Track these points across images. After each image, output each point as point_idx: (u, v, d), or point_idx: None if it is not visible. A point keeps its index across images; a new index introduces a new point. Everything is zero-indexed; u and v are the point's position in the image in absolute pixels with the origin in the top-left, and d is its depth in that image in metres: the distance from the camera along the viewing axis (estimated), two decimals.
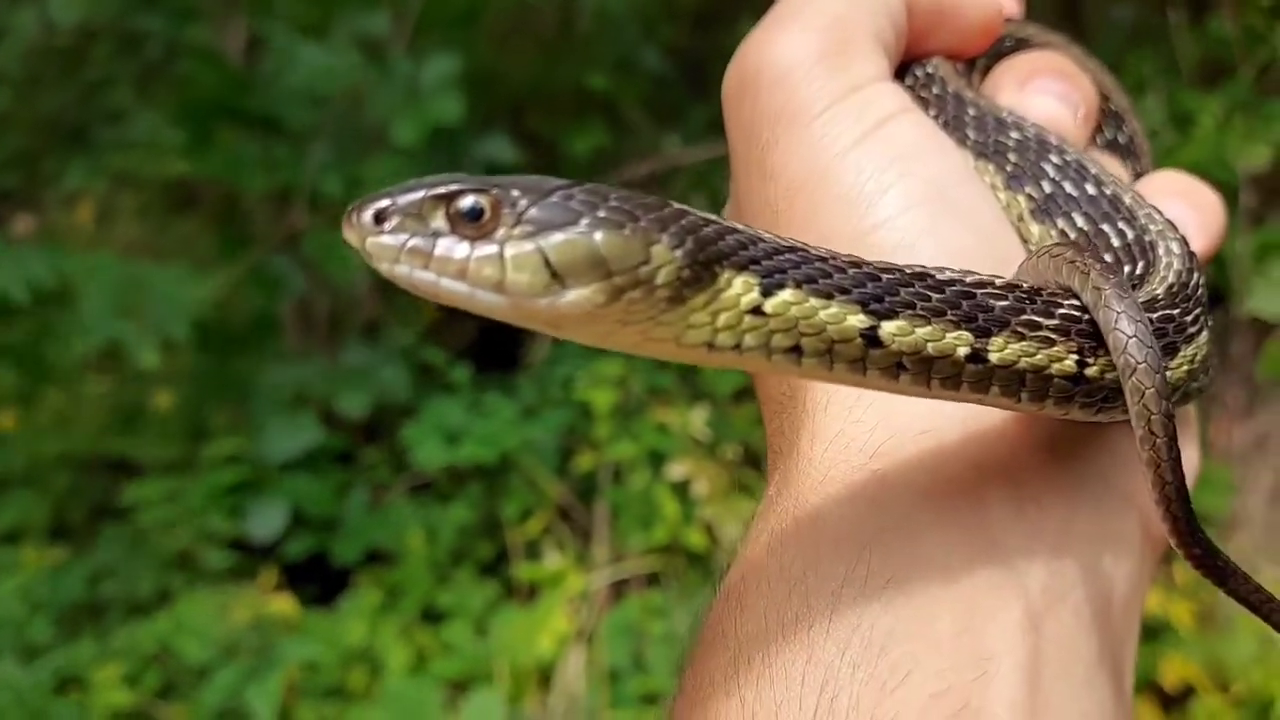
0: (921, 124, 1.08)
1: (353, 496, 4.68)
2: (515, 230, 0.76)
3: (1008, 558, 0.87)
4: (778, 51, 1.07)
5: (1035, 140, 1.09)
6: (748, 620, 0.88)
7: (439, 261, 0.76)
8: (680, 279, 0.77)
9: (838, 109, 1.04)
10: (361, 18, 4.86)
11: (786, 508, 0.94)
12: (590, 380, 4.57)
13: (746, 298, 0.80)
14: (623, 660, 3.99)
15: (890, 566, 0.85)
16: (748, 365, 0.83)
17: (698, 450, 4.34)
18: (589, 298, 0.75)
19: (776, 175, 1.05)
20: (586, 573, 4.32)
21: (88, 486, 5.01)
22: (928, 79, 1.16)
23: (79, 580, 4.57)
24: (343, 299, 5.27)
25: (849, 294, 0.81)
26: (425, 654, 4.17)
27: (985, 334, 0.82)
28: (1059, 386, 0.84)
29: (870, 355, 0.81)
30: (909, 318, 0.81)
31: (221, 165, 4.23)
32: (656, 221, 0.78)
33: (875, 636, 0.82)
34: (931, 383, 0.82)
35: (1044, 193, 1.06)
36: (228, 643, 4.13)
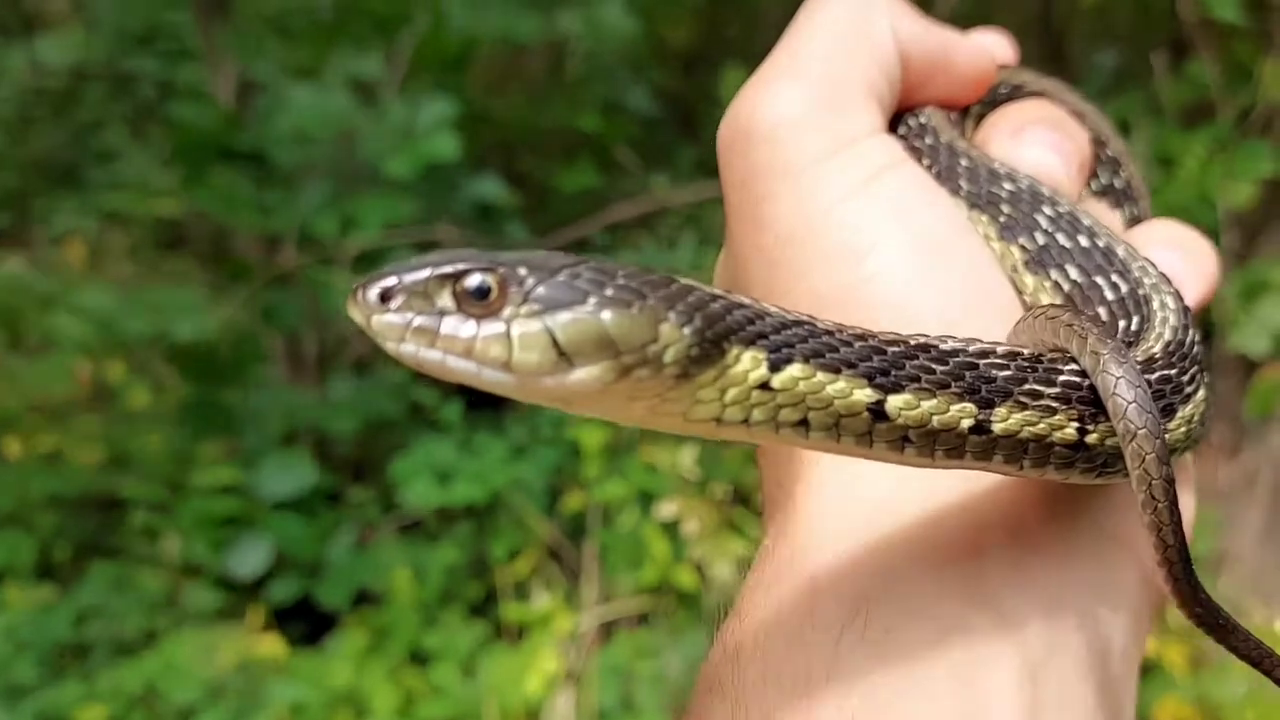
0: (914, 177, 1.08)
1: (339, 539, 4.65)
2: (522, 309, 0.75)
3: (1005, 609, 0.87)
4: (771, 104, 1.07)
5: (1029, 191, 1.09)
6: (746, 671, 0.88)
7: (445, 340, 0.75)
8: (689, 357, 0.77)
9: (830, 163, 1.04)
10: (354, 61, 4.90)
11: (783, 558, 0.94)
12: (580, 419, 4.57)
13: (755, 374, 0.79)
14: (612, 701, 3.96)
15: (887, 619, 0.85)
16: (755, 439, 0.82)
17: (687, 489, 4.34)
18: (597, 376, 0.74)
19: (770, 227, 1.05)
20: (575, 613, 4.30)
21: (75, 525, 4.98)
22: (921, 129, 1.16)
23: (65, 620, 4.54)
24: (332, 336, 5.27)
25: (855, 368, 0.81)
26: (413, 696, 4.14)
27: (989, 405, 0.82)
28: (1060, 454, 0.84)
29: (877, 429, 0.81)
30: (915, 391, 0.81)
31: (216, 203, 4.24)
32: (664, 299, 0.77)
33: (875, 691, 0.82)
34: (936, 454, 0.82)
35: (1038, 244, 1.06)
36: (214, 684, 4.10)
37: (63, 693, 4.18)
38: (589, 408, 0.79)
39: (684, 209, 5.80)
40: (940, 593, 0.87)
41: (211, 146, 4.25)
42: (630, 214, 5.44)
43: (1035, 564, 0.89)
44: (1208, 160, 3.49)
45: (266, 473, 4.52)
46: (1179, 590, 0.81)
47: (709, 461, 4.51)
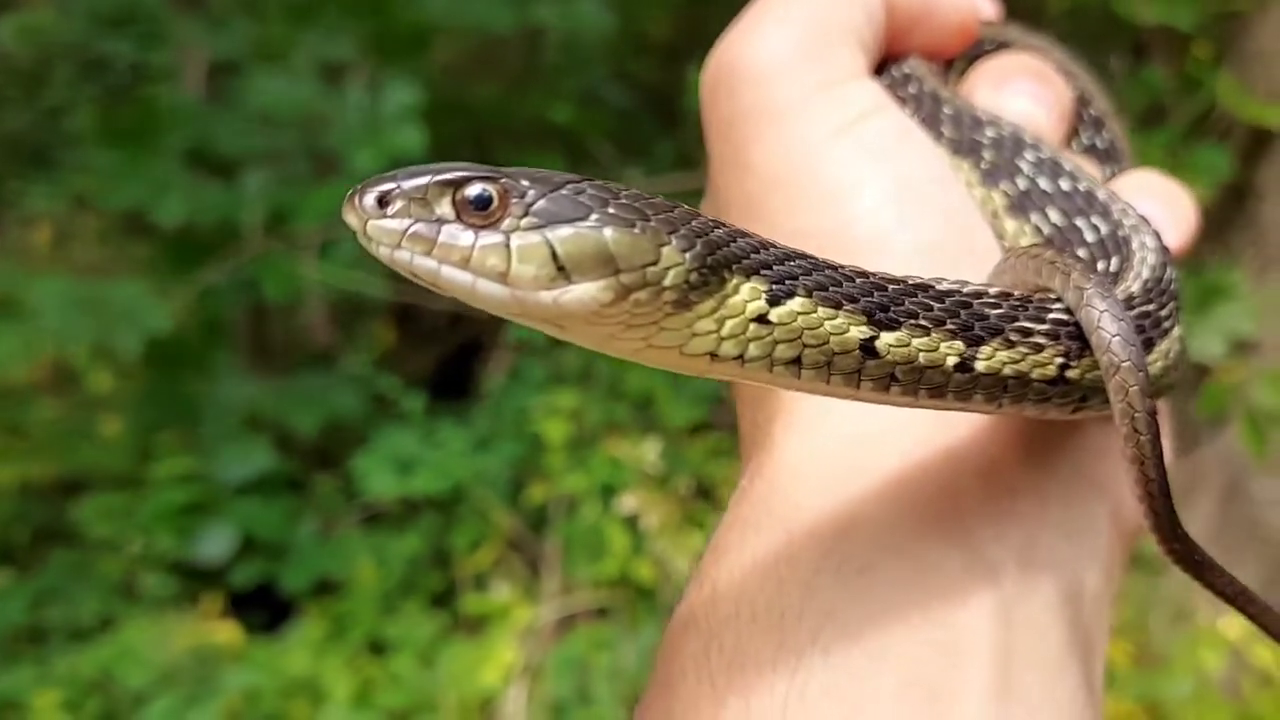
0: (898, 120, 1.09)
1: (303, 524, 4.64)
2: (523, 221, 0.74)
3: (980, 547, 0.88)
4: (756, 47, 1.08)
5: (1010, 138, 1.10)
6: (719, 607, 0.89)
7: (442, 248, 0.74)
8: (688, 282, 0.76)
9: (815, 105, 1.06)
10: (324, 44, 4.87)
11: (759, 497, 0.95)
12: (544, 411, 4.56)
13: (753, 304, 0.79)
14: (568, 693, 3.96)
15: (863, 557, 0.87)
16: (748, 376, 0.81)
17: (649, 483, 4.33)
18: (595, 295, 0.73)
19: (755, 169, 1.06)
20: (535, 605, 4.30)
21: (34, 510, 4.95)
22: (904, 78, 1.17)
23: (21, 605, 4.51)
24: (297, 327, 5.25)
25: (857, 303, 0.81)
26: (371, 684, 4.13)
27: (977, 342, 0.82)
28: (1037, 390, 0.84)
29: (866, 367, 0.81)
30: (910, 328, 0.81)
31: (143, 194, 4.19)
32: (667, 222, 0.77)
33: (848, 624, 0.83)
34: (919, 393, 0.82)
35: (1019, 189, 1.08)
36: (168, 669, 4.08)
37: (17, 677, 4.16)
38: (585, 333, 0.78)
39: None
40: (916, 532, 0.88)
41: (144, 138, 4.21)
42: None
43: (1010, 505, 0.91)
44: (1165, 163, 3.53)
45: (226, 457, 4.51)
46: (1159, 525, 0.82)
47: (673, 456, 4.51)
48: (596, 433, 4.57)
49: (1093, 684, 0.92)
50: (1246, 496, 3.90)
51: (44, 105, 6.71)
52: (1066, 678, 0.88)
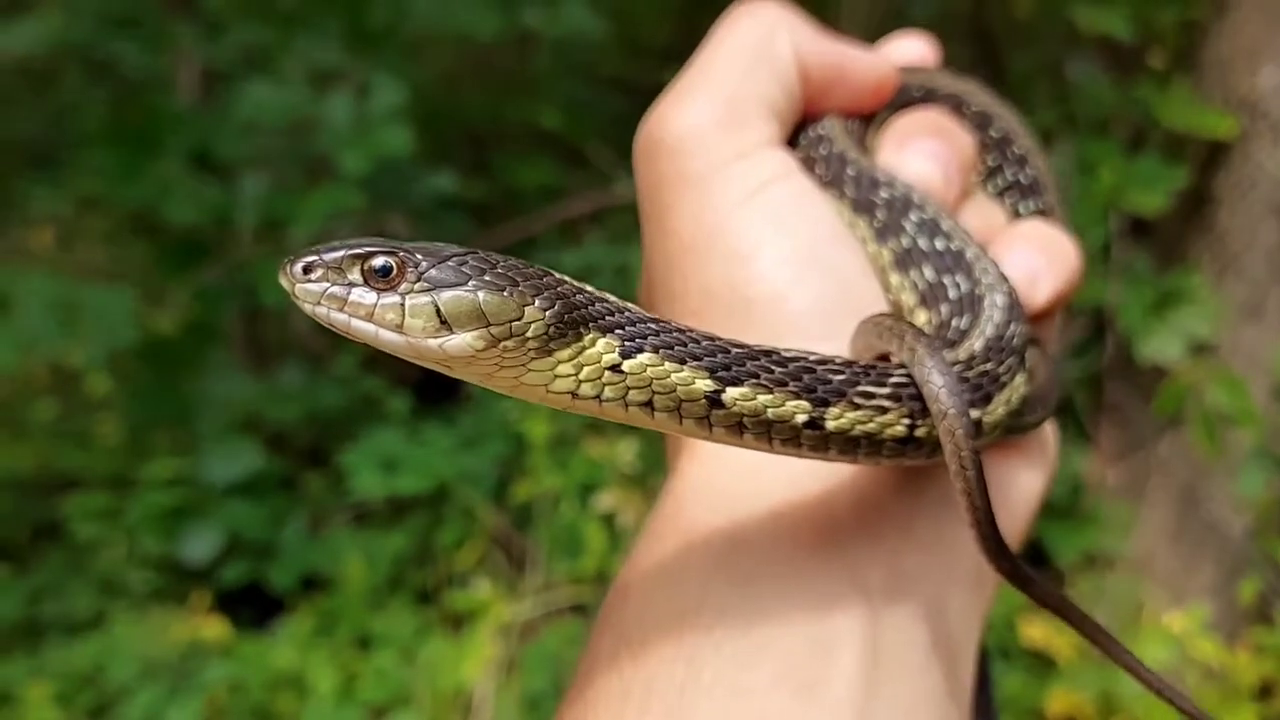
0: (798, 187, 1.19)
1: (290, 523, 4.73)
2: (416, 285, 0.91)
3: (852, 562, 1.01)
4: (677, 121, 1.19)
5: (901, 198, 1.19)
6: (629, 609, 1.03)
7: (352, 306, 0.91)
8: (547, 334, 0.92)
9: (725, 174, 1.17)
10: (314, 50, 4.95)
11: (667, 513, 1.10)
12: (527, 412, 4.63)
13: (607, 356, 0.94)
14: (544, 686, 4.04)
15: (749, 567, 1.01)
16: (607, 415, 0.96)
17: (626, 483, 4.41)
18: (470, 343, 0.90)
19: (673, 232, 1.18)
20: (515, 601, 4.37)
21: (31, 507, 5.06)
22: (818, 139, 1.27)
23: (18, 600, 4.61)
24: (289, 328, 5.34)
25: (700, 361, 0.95)
26: (355, 679, 4.21)
27: (823, 404, 0.95)
28: (891, 447, 0.97)
29: (714, 414, 0.94)
30: (752, 386, 0.94)
31: (145, 195, 4.29)
32: (533, 287, 0.93)
33: (737, 622, 0.97)
34: (773, 441, 0.95)
35: (903, 246, 1.17)
36: (153, 663, 4.17)
37: (10, 669, 4.26)
38: (466, 371, 0.94)
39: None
40: (795, 546, 1.02)
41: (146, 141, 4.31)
42: (584, 209, 5.50)
43: (880, 526, 1.04)
44: (1120, 169, 3.58)
45: (214, 458, 4.60)
46: (987, 547, 0.93)
47: (650, 456, 4.58)
48: (577, 433, 4.64)
49: (957, 685, 1.05)
50: (1204, 496, 3.95)
51: (49, 108, 6.81)
52: (929, 676, 1.01)
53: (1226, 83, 3.82)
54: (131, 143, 4.30)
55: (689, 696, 0.95)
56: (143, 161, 4.25)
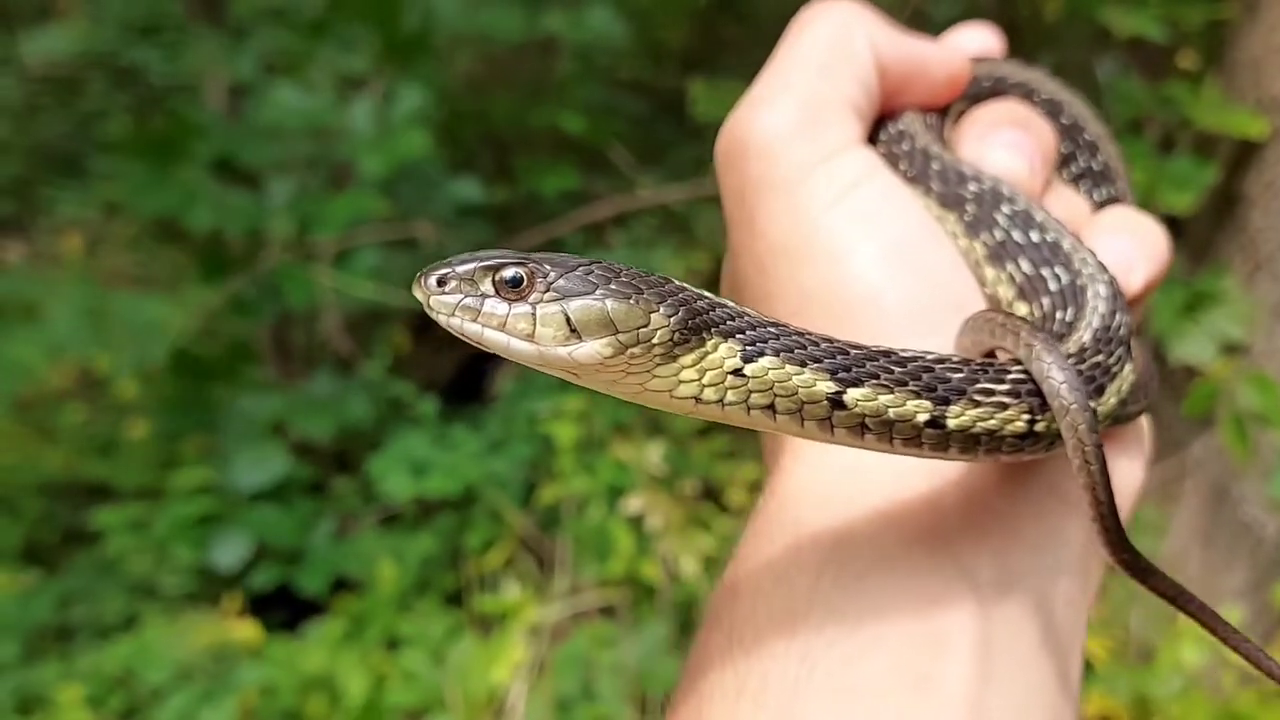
0: (886, 185, 1.21)
1: (319, 528, 4.75)
2: (545, 295, 0.95)
3: (960, 557, 1.03)
4: (759, 126, 1.21)
5: (990, 191, 1.20)
6: (740, 607, 1.05)
7: (485, 316, 0.95)
8: (672, 340, 0.95)
9: (813, 177, 1.18)
10: (341, 56, 4.97)
11: (772, 512, 1.12)
12: (554, 414, 4.65)
13: (730, 360, 0.97)
14: (572, 690, 4.05)
15: (859, 565, 1.02)
16: (730, 419, 0.98)
17: (654, 485, 4.42)
18: (599, 350, 0.93)
19: (763, 235, 1.20)
20: (544, 604, 4.38)
21: (62, 511, 5.09)
22: (899, 135, 1.28)
23: (49, 604, 4.65)
24: (317, 334, 5.36)
25: (821, 363, 0.96)
26: (385, 682, 4.23)
27: (944, 402, 0.96)
28: (1011, 443, 0.98)
29: (836, 416, 0.96)
30: (873, 386, 0.96)
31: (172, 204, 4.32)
32: (657, 294, 0.96)
33: (848, 620, 0.99)
34: (894, 442, 0.97)
35: (996, 240, 1.18)
36: (186, 666, 4.20)
37: (43, 672, 4.29)
38: (593, 378, 0.97)
39: (673, 209, 5.86)
40: (904, 544, 1.03)
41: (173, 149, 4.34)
42: (607, 213, 5.51)
43: (986, 520, 1.05)
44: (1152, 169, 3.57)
45: (241, 465, 4.63)
46: (1109, 539, 0.96)
47: (678, 458, 4.59)
48: (604, 436, 4.65)
49: (1067, 678, 1.06)
50: (1237, 498, 3.94)
51: (76, 114, 6.86)
52: (1040, 671, 1.02)
53: (1258, 83, 3.80)
54: (156, 151, 4.33)
55: (802, 693, 0.97)
56: (167, 170, 4.27)
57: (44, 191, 6.71)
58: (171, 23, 5.87)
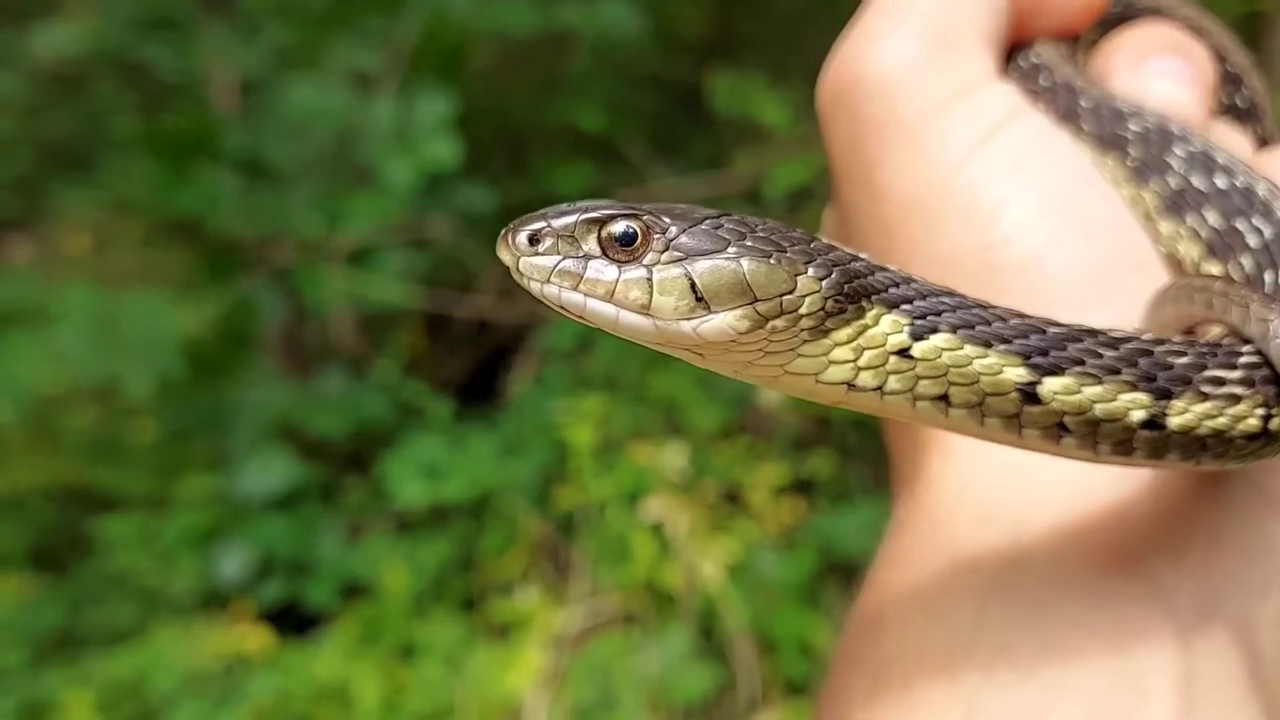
0: (1037, 126, 1.03)
1: (329, 533, 4.65)
2: (664, 255, 0.77)
3: (1155, 576, 0.85)
4: (876, 58, 1.02)
5: (1157, 130, 1.02)
6: (886, 645, 0.88)
7: (589, 283, 0.77)
8: (824, 309, 0.77)
9: (947, 118, 1.00)
10: (353, 52, 4.89)
11: (918, 530, 0.94)
12: (571, 416, 4.56)
13: (895, 338, 0.79)
14: (592, 697, 3.96)
15: (1032, 592, 0.85)
16: (889, 411, 0.81)
17: (674, 489, 4.31)
18: (732, 324, 0.75)
19: (886, 192, 1.01)
20: (563, 610, 4.30)
21: (70, 515, 5.02)
22: (1034, 69, 1.09)
23: (59, 610, 4.57)
24: (329, 334, 5.28)
25: (1010, 344, 0.78)
26: (399, 689, 4.15)
27: (1165, 395, 0.77)
28: (1240, 446, 0.79)
29: (1027, 413, 0.78)
30: (1078, 375, 0.77)
31: (196, 203, 4.24)
32: (803, 252, 0.78)
33: (1022, 658, 0.81)
34: (1099, 448, 0.78)
35: (1171, 188, 0.99)
36: (197, 674, 4.13)
37: (52, 679, 4.22)
38: (721, 359, 0.79)
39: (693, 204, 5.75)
40: (1087, 563, 0.85)
41: (194, 144, 4.26)
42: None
43: (1185, 532, 0.86)
44: None
45: (248, 472, 4.52)
46: None
47: (700, 461, 4.49)
48: (623, 438, 4.56)
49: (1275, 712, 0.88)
50: None
51: (84, 111, 6.79)
52: (1250, 705, 0.84)
53: None
54: (174, 150, 4.24)
55: None
56: (185, 171, 4.19)
57: (52, 189, 6.64)
58: (180, 17, 5.79)
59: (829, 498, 4.54)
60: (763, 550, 4.21)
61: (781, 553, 4.23)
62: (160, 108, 6.14)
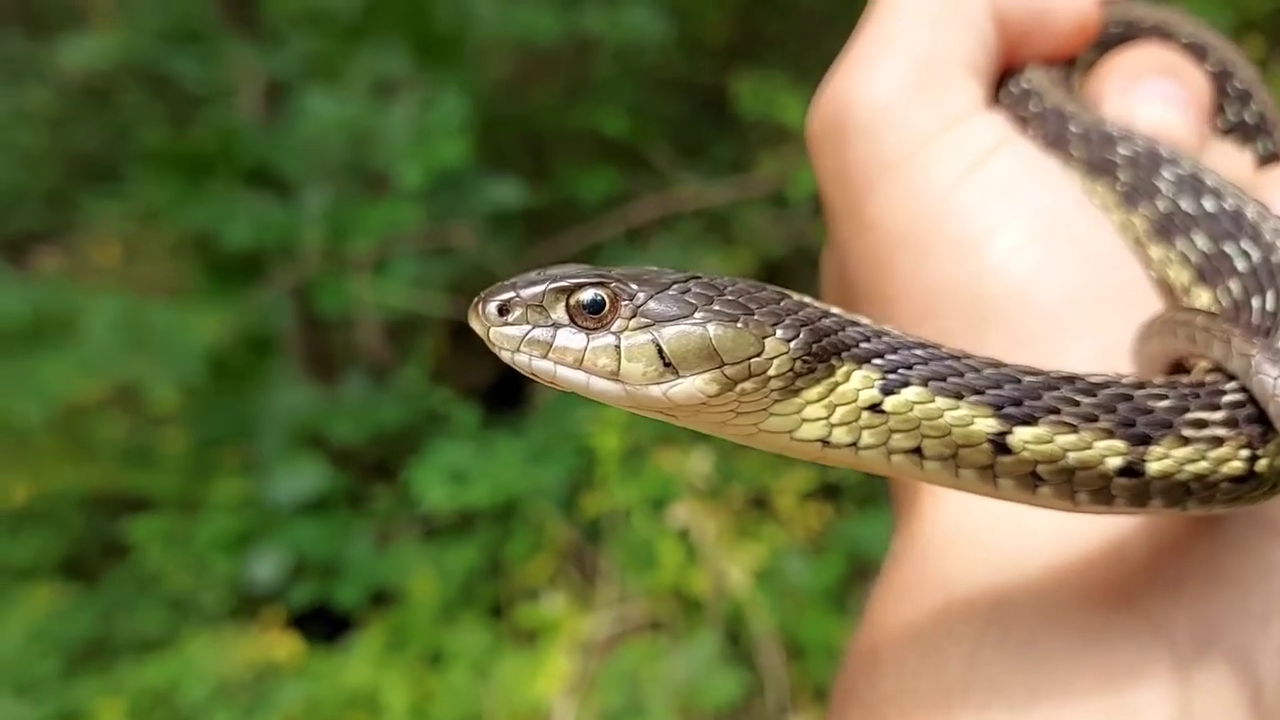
0: (1024, 154, 1.03)
1: (357, 538, 4.67)
2: (632, 322, 0.78)
3: (1150, 611, 0.84)
4: (864, 91, 1.02)
5: (1146, 154, 1.01)
6: (882, 684, 0.88)
7: (558, 351, 0.78)
8: (793, 370, 0.78)
9: (934, 149, 1.00)
10: (378, 60, 4.91)
11: (913, 565, 0.94)
12: (596, 423, 4.55)
13: (866, 393, 0.79)
14: (620, 704, 3.95)
15: (1025, 629, 0.84)
16: (866, 466, 0.81)
17: (699, 496, 4.30)
18: (701, 388, 0.76)
19: (876, 224, 1.01)
20: (590, 616, 4.29)
21: (102, 524, 5.06)
22: (1024, 95, 1.09)
23: (90, 617, 4.61)
24: (353, 341, 5.30)
25: (981, 394, 0.78)
26: (428, 696, 4.16)
27: (1143, 441, 0.76)
28: (1225, 490, 0.78)
29: (1000, 463, 0.77)
30: (1051, 424, 0.76)
31: (208, 217, 4.26)
32: (771, 314, 0.79)
33: (1016, 697, 0.81)
34: (1076, 496, 0.77)
35: (1160, 211, 0.98)
36: (228, 682, 4.15)
37: (84, 687, 4.25)
38: (697, 420, 0.80)
39: (716, 209, 5.75)
40: (1080, 599, 0.85)
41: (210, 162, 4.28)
42: (650, 214, 5.40)
43: (1180, 562, 0.85)
44: None
45: (279, 477, 4.55)
46: None
47: (725, 467, 4.47)
48: (649, 444, 4.55)
49: None
50: None
51: (112, 124, 6.85)
52: None
53: None
54: (192, 166, 4.27)
55: None
56: (202, 184, 4.22)
57: (82, 201, 6.70)
58: (205, 29, 5.83)
59: (856, 502, 4.53)
60: (790, 555, 4.20)
61: (809, 558, 4.22)
62: (186, 119, 6.19)
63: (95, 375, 4.24)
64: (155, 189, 5.02)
